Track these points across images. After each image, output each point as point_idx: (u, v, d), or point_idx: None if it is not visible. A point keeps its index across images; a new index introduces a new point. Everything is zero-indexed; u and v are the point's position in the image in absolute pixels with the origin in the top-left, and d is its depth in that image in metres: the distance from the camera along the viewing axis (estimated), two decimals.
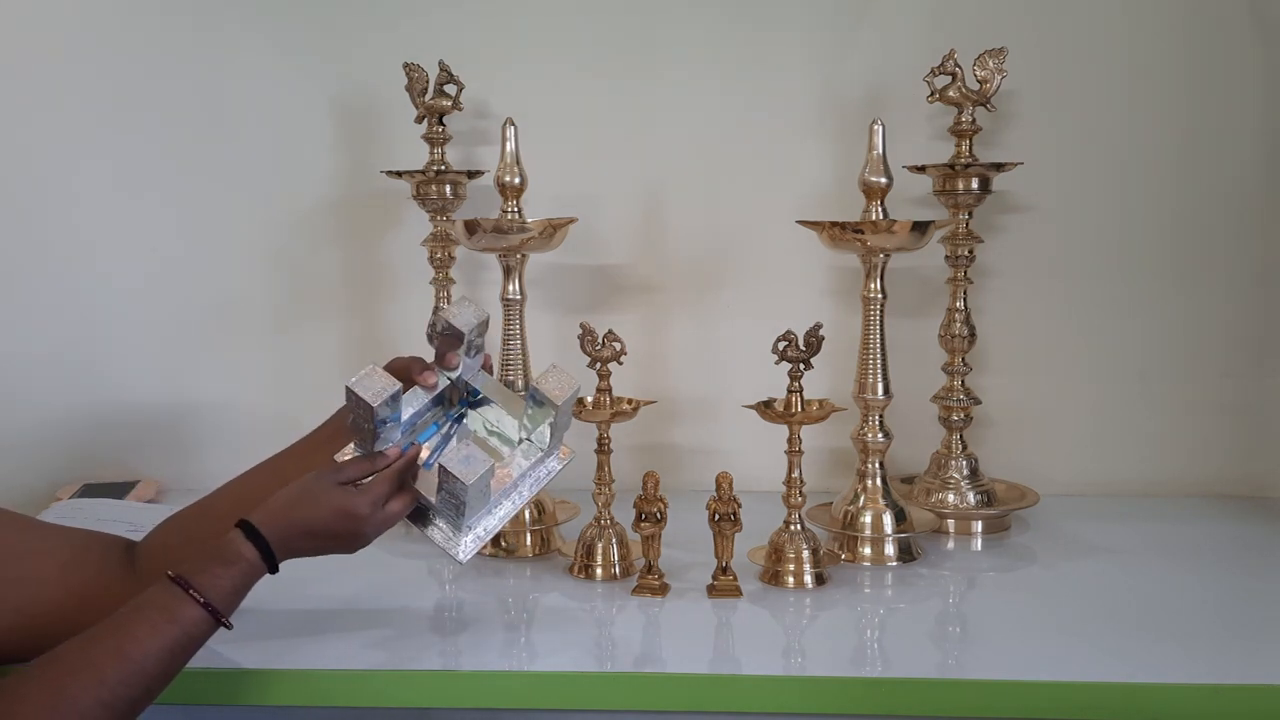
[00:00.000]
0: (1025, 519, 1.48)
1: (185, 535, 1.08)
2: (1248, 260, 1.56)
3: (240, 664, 1.06)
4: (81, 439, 1.65)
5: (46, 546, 1.04)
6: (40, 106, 1.60)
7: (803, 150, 1.57)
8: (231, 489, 1.11)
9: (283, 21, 1.59)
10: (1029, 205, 1.57)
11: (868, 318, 1.34)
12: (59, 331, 1.64)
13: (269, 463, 1.13)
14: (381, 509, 1.03)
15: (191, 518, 1.10)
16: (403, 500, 1.05)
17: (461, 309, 1.10)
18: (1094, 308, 1.58)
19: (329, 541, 1.02)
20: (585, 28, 1.58)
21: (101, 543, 1.08)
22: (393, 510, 1.04)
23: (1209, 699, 1.01)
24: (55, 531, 1.07)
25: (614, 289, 1.62)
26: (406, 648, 1.11)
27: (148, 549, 1.08)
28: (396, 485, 1.05)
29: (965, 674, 1.06)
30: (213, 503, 1.11)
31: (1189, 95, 1.54)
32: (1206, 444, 1.59)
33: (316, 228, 1.63)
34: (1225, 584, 1.27)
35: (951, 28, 1.50)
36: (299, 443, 1.14)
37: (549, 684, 1.06)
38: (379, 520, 1.03)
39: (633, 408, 1.30)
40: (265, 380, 1.65)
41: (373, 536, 1.04)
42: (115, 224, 1.63)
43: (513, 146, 1.36)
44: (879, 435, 1.35)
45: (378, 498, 1.03)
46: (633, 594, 1.23)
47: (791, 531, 1.26)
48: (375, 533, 1.03)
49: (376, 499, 1.02)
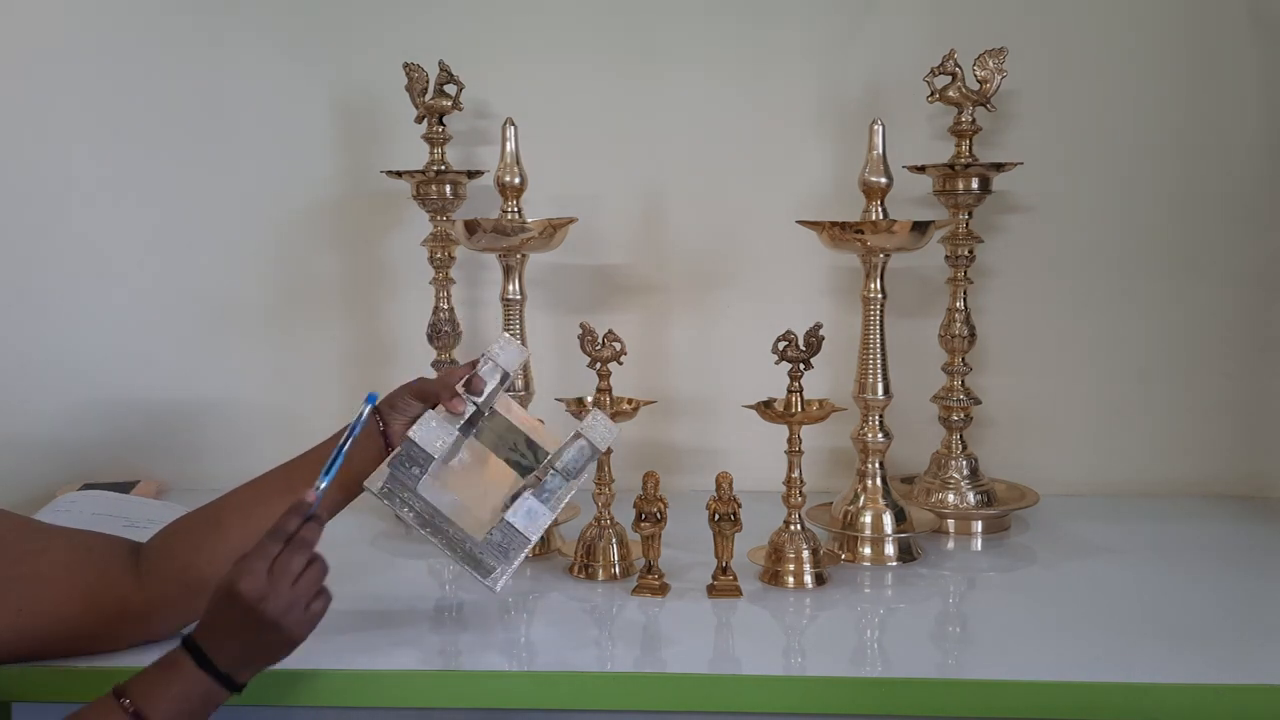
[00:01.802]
0: (1025, 519, 1.48)
1: (191, 542, 1.06)
2: (1248, 260, 1.56)
3: None
4: (81, 439, 1.65)
5: (48, 547, 1.03)
6: (40, 106, 1.60)
7: (803, 150, 1.57)
8: (240, 498, 1.09)
9: (283, 21, 1.59)
10: (1029, 205, 1.57)
11: (868, 318, 1.34)
12: (59, 331, 1.64)
13: (280, 472, 1.10)
14: (286, 580, 0.92)
15: (197, 523, 1.08)
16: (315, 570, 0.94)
17: (507, 349, 1.14)
18: (1094, 308, 1.58)
19: (252, 633, 0.92)
20: (585, 28, 1.58)
21: (105, 544, 1.07)
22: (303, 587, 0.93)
23: (1209, 699, 1.01)
24: (57, 533, 1.07)
25: (614, 289, 1.62)
26: (406, 648, 1.11)
27: (152, 551, 1.07)
28: (306, 557, 0.94)
29: (965, 674, 1.06)
30: (219, 511, 1.08)
31: (1189, 95, 1.54)
32: (1206, 444, 1.59)
33: (317, 227, 1.63)
34: (1225, 584, 1.27)
35: (951, 28, 1.50)
36: (311, 452, 1.11)
37: (549, 684, 1.06)
38: (288, 594, 0.91)
39: (633, 408, 1.30)
40: (266, 380, 1.65)
41: (289, 611, 0.91)
42: (116, 224, 1.63)
43: (513, 146, 1.36)
44: (879, 435, 1.35)
45: (273, 564, 0.91)
46: (633, 594, 1.23)
47: (791, 531, 1.26)
48: (287, 606, 0.91)
49: (271, 567, 0.91)
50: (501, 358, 1.14)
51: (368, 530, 1.44)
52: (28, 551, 1.02)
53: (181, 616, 1.07)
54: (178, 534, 1.08)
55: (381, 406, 1.10)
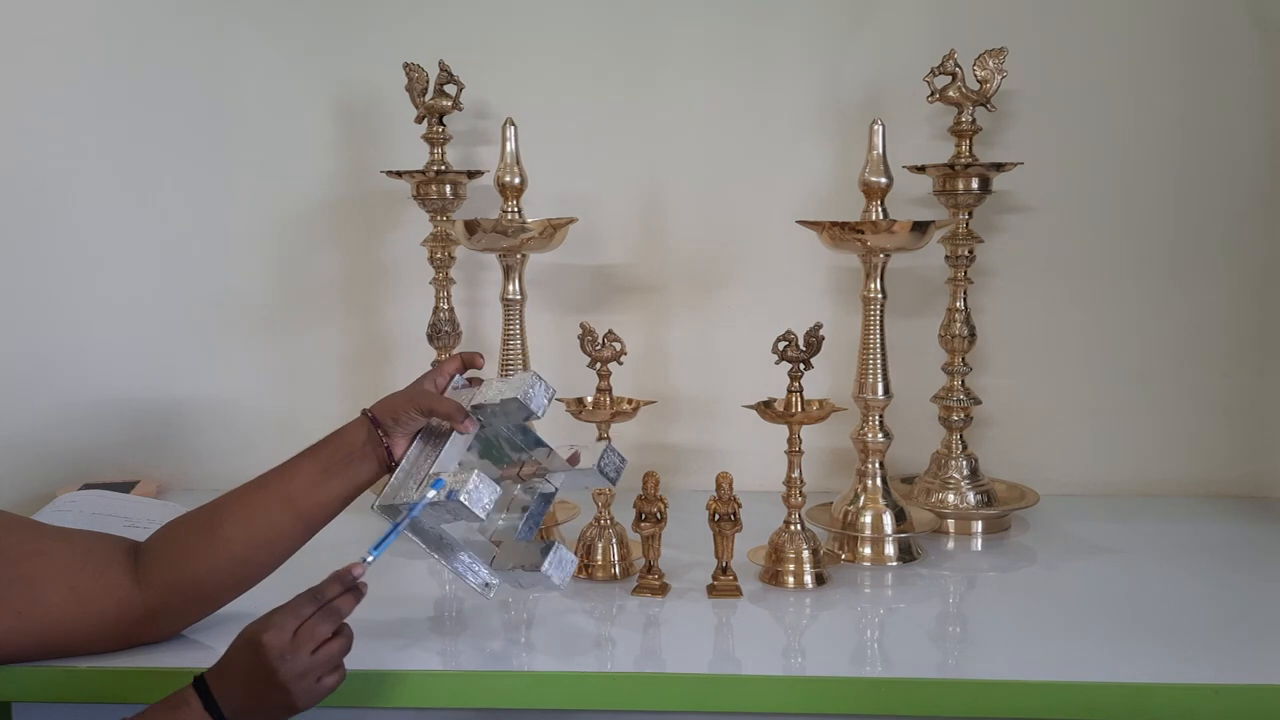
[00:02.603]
0: (1025, 519, 1.48)
1: (190, 550, 1.05)
2: (1247, 260, 1.56)
3: None
4: (81, 439, 1.65)
5: (47, 550, 1.03)
6: (40, 106, 1.60)
7: (803, 150, 1.58)
8: (239, 506, 1.06)
9: (283, 21, 1.59)
10: (1029, 205, 1.57)
11: (868, 318, 1.34)
12: (59, 331, 1.64)
13: (278, 476, 1.07)
14: (309, 645, 0.92)
15: (196, 530, 1.06)
16: (339, 643, 0.95)
17: (534, 390, 1.05)
18: (1094, 308, 1.58)
19: (260, 687, 0.91)
20: (586, 28, 1.58)
21: (104, 545, 1.07)
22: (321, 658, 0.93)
23: (1209, 699, 1.01)
24: (56, 534, 1.07)
25: (614, 289, 1.62)
26: (406, 648, 1.11)
27: (150, 556, 1.06)
28: (333, 626, 0.94)
29: (965, 674, 1.06)
30: (218, 518, 1.06)
31: (1189, 95, 1.54)
32: (1206, 444, 1.59)
33: (317, 228, 1.63)
34: (1225, 584, 1.27)
35: (951, 28, 1.50)
36: (311, 451, 1.09)
37: (549, 684, 1.06)
38: (306, 660, 0.91)
39: (633, 408, 1.30)
40: (266, 380, 1.65)
41: (302, 678, 0.92)
42: (115, 224, 1.63)
43: (513, 146, 1.36)
44: (879, 435, 1.35)
45: (300, 625, 0.92)
46: (633, 594, 1.23)
47: (791, 531, 1.26)
48: (301, 672, 0.91)
49: (298, 628, 0.92)
50: (534, 402, 1.05)
51: (368, 530, 1.44)
52: (26, 554, 1.02)
53: (181, 620, 1.08)
54: (175, 540, 1.07)
55: (383, 419, 1.08)
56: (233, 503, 1.07)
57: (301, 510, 1.06)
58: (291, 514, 1.05)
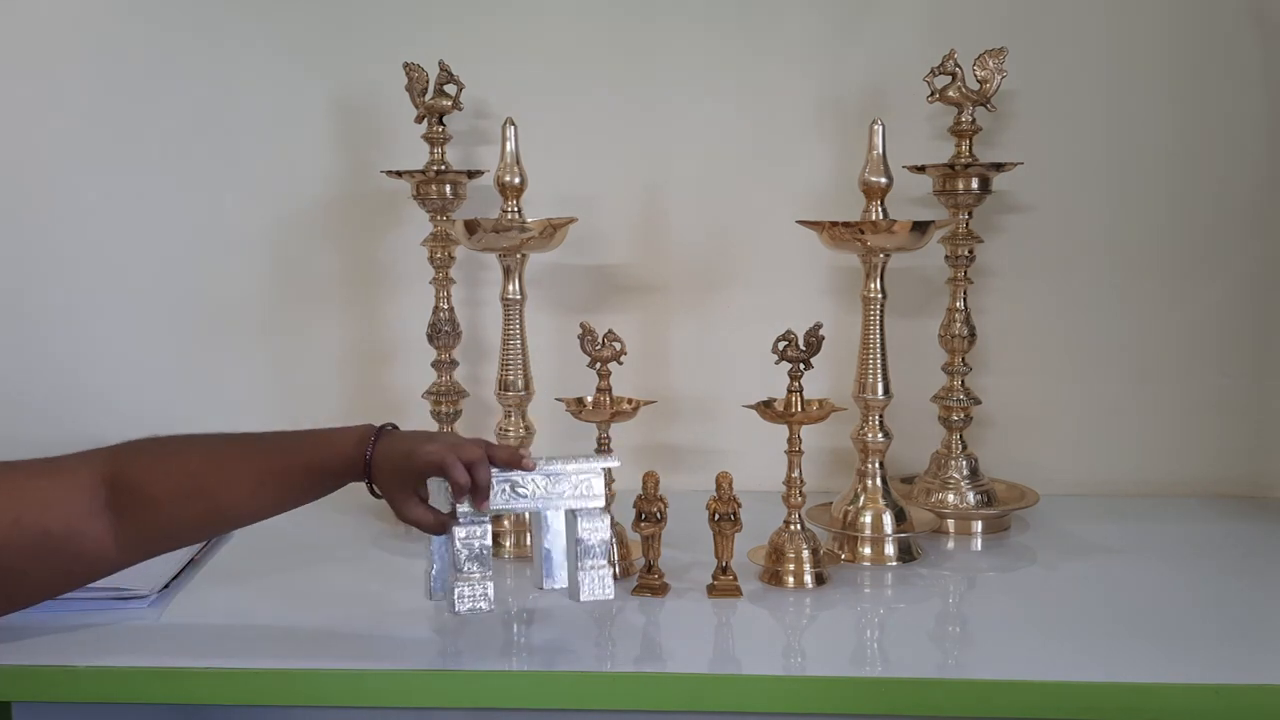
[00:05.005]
0: (1025, 519, 1.48)
1: (182, 514, 1.06)
2: (1247, 260, 1.56)
3: (240, 664, 1.06)
4: (81, 439, 1.64)
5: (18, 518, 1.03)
6: (39, 107, 1.60)
7: (803, 150, 1.57)
8: (239, 492, 1.08)
9: (283, 21, 1.59)
10: (1029, 205, 1.57)
11: (868, 318, 1.34)
12: (58, 330, 1.64)
13: (253, 454, 1.11)
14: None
15: (190, 494, 1.07)
16: None
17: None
18: (1093, 308, 1.58)
19: None
20: (586, 28, 1.58)
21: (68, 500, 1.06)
22: None
23: (1209, 699, 1.01)
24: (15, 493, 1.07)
25: (614, 289, 1.62)
26: (406, 648, 1.11)
27: (131, 513, 1.05)
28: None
29: (965, 674, 1.06)
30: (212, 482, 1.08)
31: (1188, 95, 1.54)
32: (1206, 444, 1.59)
33: (316, 228, 1.63)
34: (1225, 584, 1.27)
35: (951, 28, 1.50)
36: (291, 448, 1.11)
37: (549, 684, 1.06)
38: None
39: (633, 408, 1.30)
40: (265, 380, 1.65)
41: None
42: (115, 225, 1.63)
43: (513, 146, 1.36)
44: (879, 435, 1.35)
45: None
46: (633, 594, 1.23)
47: (791, 531, 1.26)
48: None
49: None
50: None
51: (368, 530, 1.44)
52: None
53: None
54: (163, 503, 1.06)
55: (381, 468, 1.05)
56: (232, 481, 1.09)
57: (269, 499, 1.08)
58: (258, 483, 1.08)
